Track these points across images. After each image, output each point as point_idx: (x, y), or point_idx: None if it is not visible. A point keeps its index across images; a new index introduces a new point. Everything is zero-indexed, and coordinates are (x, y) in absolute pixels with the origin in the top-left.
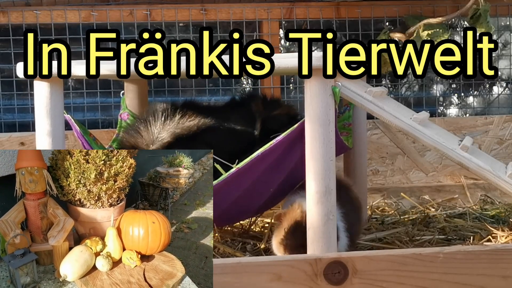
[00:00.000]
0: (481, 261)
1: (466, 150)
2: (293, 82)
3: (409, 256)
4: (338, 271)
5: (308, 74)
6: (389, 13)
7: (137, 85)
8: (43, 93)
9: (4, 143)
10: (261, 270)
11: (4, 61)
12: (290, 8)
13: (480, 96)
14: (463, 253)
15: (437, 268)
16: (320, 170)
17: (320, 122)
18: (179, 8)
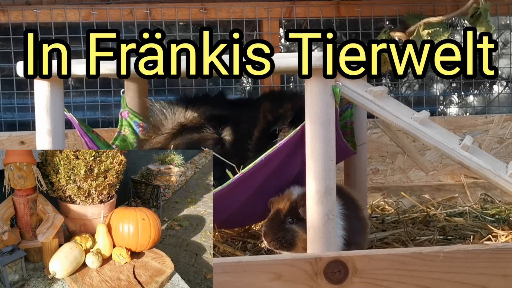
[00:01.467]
0: (481, 260)
1: (467, 149)
2: (293, 81)
3: (409, 255)
4: (338, 270)
5: (308, 74)
6: (389, 12)
7: (138, 84)
8: (43, 92)
9: (4, 142)
10: (261, 269)
11: (4, 60)
12: (290, 7)
13: (480, 95)
14: (463, 252)
15: (437, 267)
16: (320, 170)
17: (320, 122)
18: (179, 7)
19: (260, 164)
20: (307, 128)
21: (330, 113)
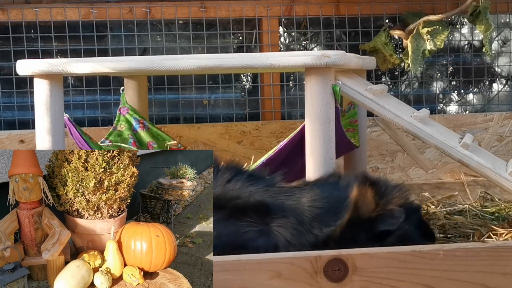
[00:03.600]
0: (481, 258)
1: (467, 148)
2: (293, 79)
3: (409, 253)
4: (338, 268)
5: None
6: (388, 10)
7: (137, 81)
8: (42, 91)
9: (4, 141)
10: (261, 267)
11: (4, 59)
12: (289, 6)
13: (480, 93)
14: (463, 250)
15: (437, 265)
16: (320, 169)
17: (320, 121)
18: (179, 6)
19: (261, 165)
20: (307, 127)
21: (330, 112)
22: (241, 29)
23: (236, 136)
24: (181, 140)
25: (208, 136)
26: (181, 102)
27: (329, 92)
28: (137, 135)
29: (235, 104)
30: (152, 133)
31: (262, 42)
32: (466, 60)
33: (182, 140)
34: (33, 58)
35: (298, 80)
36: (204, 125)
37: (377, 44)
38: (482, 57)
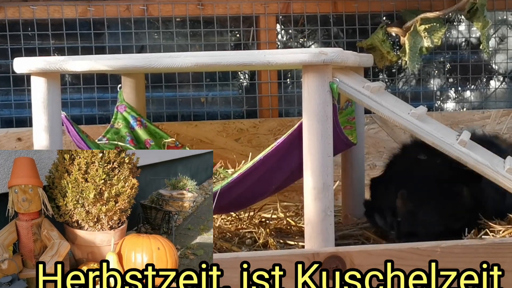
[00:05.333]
0: (478, 255)
1: (464, 145)
2: (291, 77)
3: (406, 250)
4: (336, 265)
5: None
6: (386, 8)
7: (134, 79)
8: (40, 89)
9: (1, 139)
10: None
11: (1, 57)
12: (287, 3)
13: (477, 90)
14: (461, 247)
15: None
16: (318, 167)
17: (317, 119)
18: (176, 3)
19: (258, 163)
20: (304, 124)
21: (328, 110)
22: (238, 27)
23: (234, 134)
24: (179, 137)
25: (206, 133)
26: (179, 100)
27: (327, 90)
28: (135, 133)
29: (233, 101)
30: (149, 130)
31: (259, 39)
32: (464, 57)
33: (179, 137)
34: (30, 56)
35: (296, 77)
36: (202, 122)
37: (374, 42)
38: (480, 54)
